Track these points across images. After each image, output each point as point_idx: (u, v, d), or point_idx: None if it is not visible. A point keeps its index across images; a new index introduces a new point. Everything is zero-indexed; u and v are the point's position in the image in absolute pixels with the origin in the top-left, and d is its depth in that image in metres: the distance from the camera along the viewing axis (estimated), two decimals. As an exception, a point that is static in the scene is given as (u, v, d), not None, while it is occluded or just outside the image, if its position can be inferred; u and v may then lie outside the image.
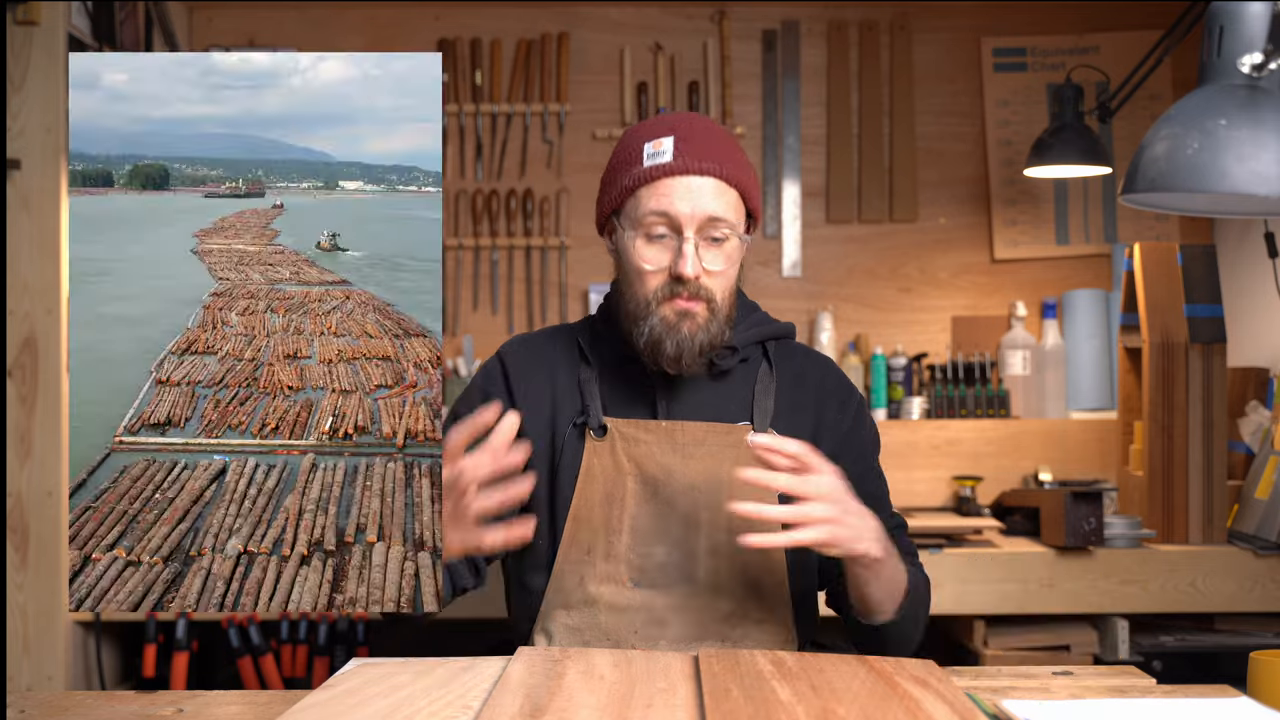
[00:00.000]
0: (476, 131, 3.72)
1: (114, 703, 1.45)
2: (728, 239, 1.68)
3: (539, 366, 1.81)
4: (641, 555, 1.71)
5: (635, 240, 1.68)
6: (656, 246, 1.68)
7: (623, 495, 1.72)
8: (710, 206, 1.66)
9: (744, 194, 1.70)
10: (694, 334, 1.67)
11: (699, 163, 1.66)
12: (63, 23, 2.88)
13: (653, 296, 1.68)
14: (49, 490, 2.87)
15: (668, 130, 1.70)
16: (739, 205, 1.70)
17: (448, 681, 1.41)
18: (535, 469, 1.76)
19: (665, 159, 1.67)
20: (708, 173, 1.66)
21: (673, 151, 1.67)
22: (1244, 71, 1.63)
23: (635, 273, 1.69)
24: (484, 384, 1.82)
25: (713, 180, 1.66)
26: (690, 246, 1.65)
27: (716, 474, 1.71)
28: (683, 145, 1.67)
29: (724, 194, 1.67)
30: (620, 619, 1.69)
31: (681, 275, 1.65)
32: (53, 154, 2.87)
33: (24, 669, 2.86)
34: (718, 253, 1.68)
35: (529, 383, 1.79)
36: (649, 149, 1.68)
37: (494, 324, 3.71)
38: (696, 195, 1.65)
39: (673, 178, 1.66)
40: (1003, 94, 3.70)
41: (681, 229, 1.65)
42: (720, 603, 1.70)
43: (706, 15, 3.74)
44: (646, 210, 1.67)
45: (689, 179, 1.66)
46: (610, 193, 1.73)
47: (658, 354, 1.68)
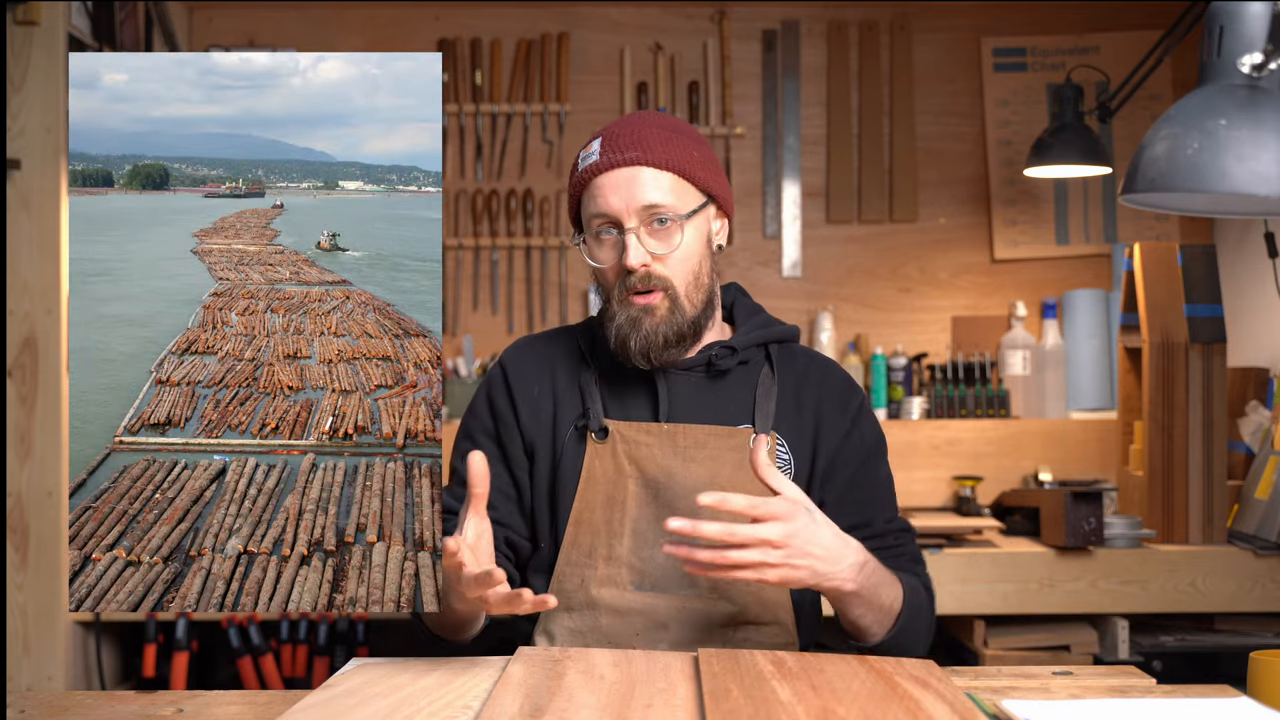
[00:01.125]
0: (476, 131, 3.72)
1: (114, 703, 1.45)
2: (671, 223, 1.69)
3: (541, 369, 1.81)
4: (643, 558, 1.71)
5: (590, 244, 1.73)
6: (606, 246, 1.71)
7: (624, 498, 1.72)
8: (642, 195, 1.68)
9: (684, 174, 1.71)
10: (656, 327, 1.68)
11: (622, 154, 1.69)
12: (63, 23, 2.88)
13: (614, 296, 1.71)
14: (49, 490, 2.87)
15: (598, 136, 1.75)
16: (680, 187, 1.71)
17: (448, 681, 1.41)
18: (537, 472, 1.77)
19: (592, 159, 1.71)
20: (633, 162, 1.69)
21: (599, 151, 1.71)
22: (1244, 71, 1.63)
23: (598, 276, 1.74)
24: (489, 392, 1.83)
25: (640, 169, 1.69)
26: (631, 238, 1.67)
27: (718, 477, 1.71)
28: (608, 144, 1.72)
29: (656, 179, 1.69)
30: (621, 622, 1.69)
31: (628, 267, 1.67)
32: (53, 154, 2.87)
33: (24, 669, 2.86)
34: (663, 238, 1.69)
35: (530, 387, 1.80)
36: (581, 155, 1.75)
37: (494, 324, 3.71)
38: (626, 187, 1.68)
39: (601, 175, 1.70)
40: (1003, 94, 3.70)
41: (622, 223, 1.68)
42: (721, 606, 1.70)
43: (706, 15, 3.74)
44: (589, 215, 1.71)
45: (616, 173, 1.69)
46: (570, 206, 1.79)
47: (626, 352, 1.70)
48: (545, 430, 1.77)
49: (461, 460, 1.77)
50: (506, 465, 1.78)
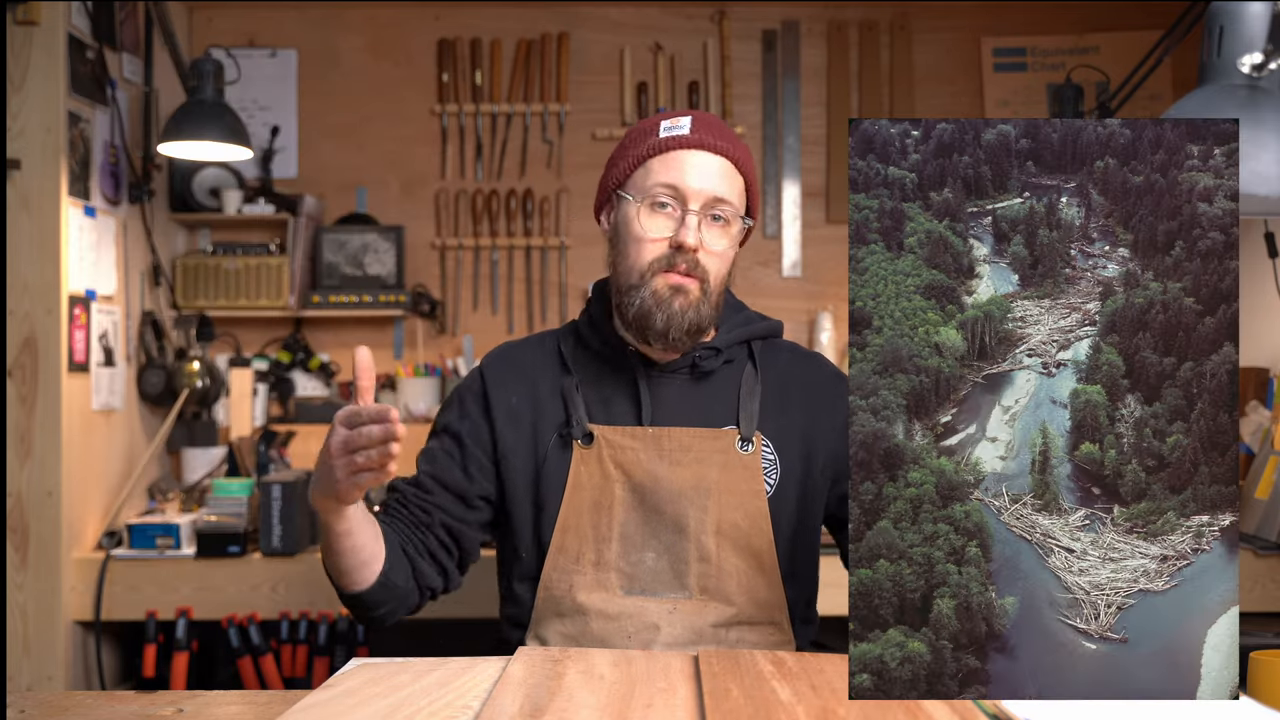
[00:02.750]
0: (476, 131, 3.72)
1: (114, 703, 1.45)
2: (730, 221, 1.70)
3: (519, 378, 1.79)
4: (631, 562, 1.70)
5: (639, 210, 1.69)
6: (660, 217, 1.69)
7: (610, 503, 1.71)
8: (718, 186, 1.68)
9: (749, 184, 1.74)
10: (684, 310, 1.67)
11: (714, 140, 1.69)
12: (63, 23, 2.88)
13: (648, 267, 1.68)
14: (49, 490, 2.87)
15: (683, 114, 1.74)
16: (742, 194, 1.73)
17: (448, 681, 1.41)
18: (517, 481, 1.75)
19: (682, 132, 1.70)
20: (722, 152, 1.69)
21: (690, 127, 1.70)
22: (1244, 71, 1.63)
23: (634, 241, 1.70)
24: (461, 396, 1.82)
25: (725, 161, 1.70)
26: (694, 219, 1.67)
27: (704, 479, 1.70)
28: (700, 124, 1.71)
29: (732, 177, 1.70)
30: (612, 626, 1.68)
31: (683, 244, 1.66)
32: (53, 154, 2.87)
33: (24, 669, 2.86)
34: (719, 232, 1.69)
35: (508, 395, 1.78)
36: (666, 124, 1.72)
37: (494, 324, 3.71)
38: (706, 172, 1.68)
39: (687, 150, 1.68)
40: (1003, 94, 3.70)
41: (687, 202, 1.67)
42: (712, 608, 1.70)
43: (706, 15, 3.74)
44: (655, 181, 1.68)
45: (702, 155, 1.68)
46: (619, 166, 1.74)
47: (646, 326, 1.68)
48: (525, 439, 1.75)
49: (425, 459, 1.77)
50: (461, 463, 1.76)
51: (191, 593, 2.98)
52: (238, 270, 3.51)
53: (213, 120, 2.97)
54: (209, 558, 2.98)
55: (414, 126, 3.74)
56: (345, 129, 3.74)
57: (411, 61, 3.75)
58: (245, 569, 3.00)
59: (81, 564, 2.94)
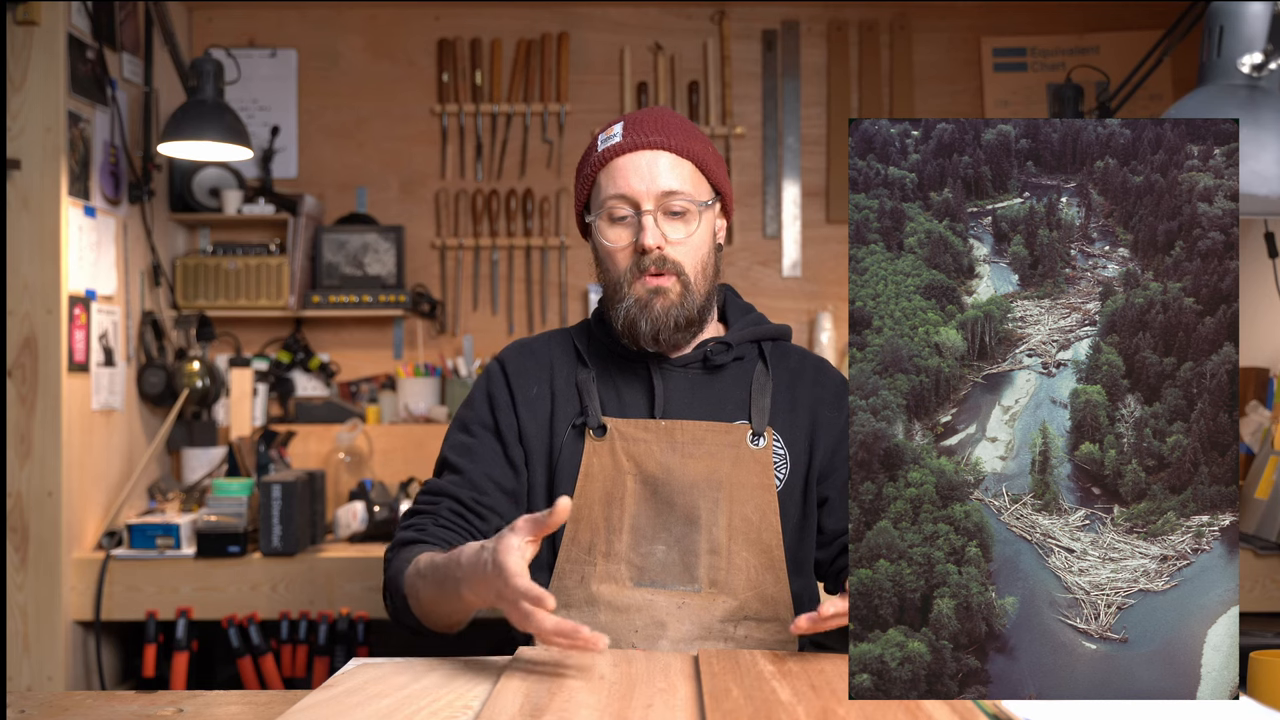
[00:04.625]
0: (476, 131, 3.72)
1: (114, 703, 1.45)
2: (687, 210, 1.72)
3: (538, 369, 1.82)
4: (642, 554, 1.71)
5: (602, 225, 1.73)
6: (620, 227, 1.72)
7: (622, 495, 1.72)
8: (664, 180, 1.70)
9: (701, 167, 1.75)
10: (667, 310, 1.71)
11: (645, 137, 1.71)
12: (63, 23, 2.88)
13: (623, 277, 1.72)
14: (49, 490, 2.87)
15: (619, 120, 1.77)
16: (696, 178, 1.74)
17: (448, 681, 1.41)
18: (534, 472, 1.77)
19: (615, 140, 1.73)
20: (656, 146, 1.71)
21: (621, 133, 1.73)
22: (1244, 71, 1.63)
23: (606, 256, 1.74)
24: (488, 387, 1.83)
25: (663, 154, 1.71)
26: (649, 220, 1.70)
27: (715, 473, 1.72)
28: (631, 127, 1.73)
29: (677, 166, 1.72)
30: (621, 618, 1.70)
31: (644, 247, 1.69)
32: (53, 154, 2.87)
33: (24, 669, 2.86)
34: (679, 224, 1.72)
35: (529, 385, 1.81)
36: (602, 137, 1.75)
37: (494, 324, 3.71)
38: (648, 170, 1.70)
39: (623, 156, 1.71)
40: (1003, 94, 3.70)
41: (639, 205, 1.70)
42: (720, 601, 1.71)
43: (706, 15, 3.74)
44: (605, 195, 1.72)
45: (639, 155, 1.71)
46: (578, 189, 1.80)
47: (635, 333, 1.72)
48: (542, 430, 1.78)
49: (454, 451, 1.77)
50: (506, 457, 1.78)
51: (191, 593, 2.98)
52: (238, 270, 3.51)
53: (213, 120, 2.97)
54: (209, 558, 2.98)
55: (414, 126, 3.74)
56: (345, 129, 3.74)
57: (411, 61, 3.75)
58: (245, 569, 3.00)
59: (81, 564, 2.94)
